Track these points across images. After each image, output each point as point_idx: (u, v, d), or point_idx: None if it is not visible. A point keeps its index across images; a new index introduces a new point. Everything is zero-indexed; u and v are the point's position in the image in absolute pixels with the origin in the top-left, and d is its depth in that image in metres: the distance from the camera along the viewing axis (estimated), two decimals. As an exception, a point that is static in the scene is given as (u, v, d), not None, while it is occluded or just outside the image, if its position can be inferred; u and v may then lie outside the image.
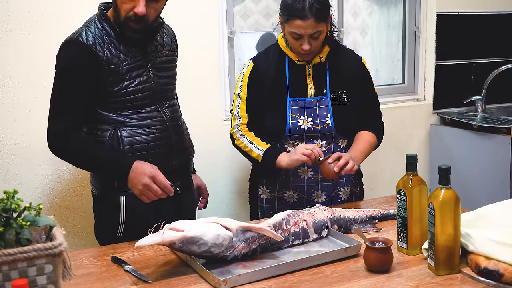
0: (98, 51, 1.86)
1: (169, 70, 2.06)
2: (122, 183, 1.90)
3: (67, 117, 1.87)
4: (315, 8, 2.03)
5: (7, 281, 1.18)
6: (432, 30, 3.46)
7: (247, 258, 1.64)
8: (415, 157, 1.69)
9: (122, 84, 1.90)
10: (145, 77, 1.94)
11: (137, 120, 1.93)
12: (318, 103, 2.18)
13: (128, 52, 1.91)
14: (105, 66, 1.87)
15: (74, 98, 1.88)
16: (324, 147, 2.19)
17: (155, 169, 1.87)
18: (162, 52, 2.02)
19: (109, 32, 1.90)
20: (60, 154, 1.94)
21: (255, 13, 3.13)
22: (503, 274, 1.44)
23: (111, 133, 1.91)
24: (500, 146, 3.10)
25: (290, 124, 2.16)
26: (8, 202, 1.23)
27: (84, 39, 1.86)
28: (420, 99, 3.55)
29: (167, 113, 2.01)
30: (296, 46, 2.11)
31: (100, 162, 1.91)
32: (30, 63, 2.48)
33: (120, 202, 1.95)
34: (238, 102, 2.23)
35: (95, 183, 2.02)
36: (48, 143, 1.91)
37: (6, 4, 2.41)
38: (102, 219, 2.05)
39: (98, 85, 1.88)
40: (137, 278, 1.55)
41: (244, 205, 2.97)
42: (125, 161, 1.88)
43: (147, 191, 1.86)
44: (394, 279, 1.52)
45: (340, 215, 1.88)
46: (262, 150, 2.14)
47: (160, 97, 2.00)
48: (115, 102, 1.91)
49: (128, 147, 1.91)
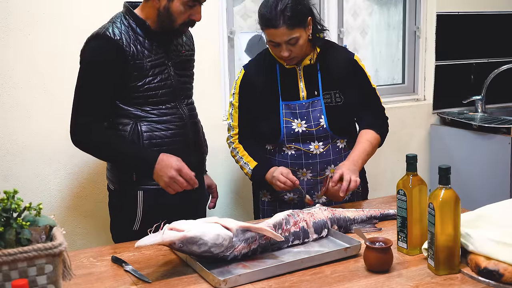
0: (125, 46, 1.89)
1: (188, 69, 2.12)
2: (140, 177, 1.97)
3: (91, 111, 1.92)
4: (287, 16, 2.01)
5: (7, 281, 1.18)
6: (432, 30, 3.46)
7: (247, 258, 1.64)
8: (415, 157, 1.69)
9: (145, 79, 1.94)
10: (166, 74, 1.99)
11: (157, 116, 1.97)
12: (311, 105, 2.17)
13: (152, 49, 1.95)
14: (130, 61, 1.90)
15: (99, 92, 1.92)
16: (321, 148, 2.19)
17: (180, 161, 1.91)
18: (182, 52, 2.08)
19: (135, 29, 1.94)
20: (83, 147, 1.97)
21: (255, 13, 3.12)
22: (503, 274, 1.44)
23: (132, 128, 1.95)
24: (500, 146, 3.10)
25: (285, 129, 2.16)
26: (8, 202, 1.23)
27: (111, 33, 1.89)
28: (420, 99, 3.55)
29: (185, 111, 2.06)
30: (277, 53, 2.11)
31: (124, 155, 1.95)
32: (30, 63, 2.48)
33: (137, 196, 1.99)
34: (232, 111, 2.25)
35: (112, 177, 2.06)
36: (71, 136, 1.95)
37: (6, 4, 2.41)
38: (119, 214, 2.09)
39: (122, 80, 1.92)
40: (137, 278, 1.55)
41: (244, 205, 2.98)
42: (150, 154, 1.92)
43: (173, 183, 1.90)
44: (394, 279, 1.52)
45: (340, 215, 1.88)
46: (250, 169, 2.18)
47: (180, 94, 2.04)
48: (137, 97, 1.95)
49: (147, 142, 1.96)
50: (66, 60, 2.51)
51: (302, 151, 2.18)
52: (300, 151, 2.18)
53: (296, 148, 2.18)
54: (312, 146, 2.18)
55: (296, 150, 2.18)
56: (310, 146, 2.18)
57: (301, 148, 2.18)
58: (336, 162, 2.21)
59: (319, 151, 2.18)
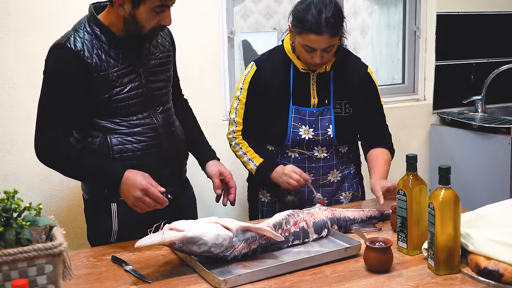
0: (87, 58, 1.77)
1: (164, 73, 1.97)
2: (112, 191, 1.85)
3: (54, 125, 1.81)
4: (331, 23, 1.96)
5: (7, 281, 1.18)
6: (432, 30, 3.46)
7: (247, 258, 1.63)
8: (415, 157, 1.69)
9: (112, 91, 1.82)
10: (137, 83, 1.86)
11: (127, 127, 1.86)
12: (320, 114, 2.15)
13: (118, 57, 1.83)
14: (94, 73, 1.78)
15: (62, 105, 1.81)
16: (325, 153, 2.18)
17: (147, 179, 1.78)
18: (155, 55, 1.93)
19: (99, 36, 1.81)
20: (48, 164, 1.87)
21: (255, 13, 3.13)
22: (503, 274, 1.44)
23: (101, 141, 1.84)
24: (500, 146, 3.10)
25: (291, 133, 2.14)
26: (8, 202, 1.23)
27: (72, 44, 1.78)
28: (420, 99, 3.55)
29: (159, 120, 1.93)
30: (307, 58, 2.05)
31: (89, 172, 1.84)
32: (30, 63, 2.48)
33: (111, 209, 1.89)
34: (237, 105, 2.20)
35: (85, 188, 1.97)
36: (36, 153, 1.84)
37: (6, 4, 2.41)
38: (93, 225, 1.99)
39: (87, 92, 1.80)
40: (137, 278, 1.55)
41: (244, 205, 2.97)
42: (115, 171, 1.79)
43: (140, 203, 1.78)
44: (394, 279, 1.52)
45: (340, 215, 1.88)
46: (255, 165, 2.15)
47: (153, 103, 1.92)
48: (105, 109, 1.83)
49: (118, 156, 1.85)
50: (66, 60, 2.51)
51: (306, 155, 2.17)
52: (304, 155, 2.18)
53: (300, 152, 2.18)
54: (316, 151, 2.17)
55: (300, 153, 2.18)
56: (314, 151, 2.17)
57: (305, 152, 2.17)
58: (338, 167, 2.22)
59: (323, 155, 2.18)
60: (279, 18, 3.20)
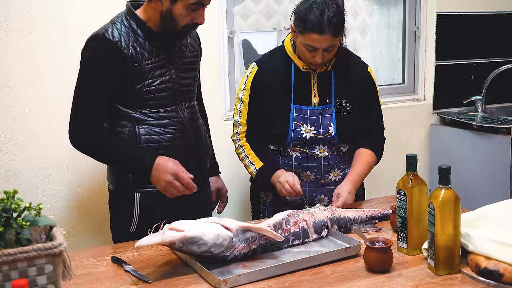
0: (123, 48, 1.87)
1: (191, 71, 2.08)
2: (136, 179, 1.96)
3: (89, 112, 1.90)
4: (334, 23, 1.97)
5: (7, 281, 1.18)
6: (432, 30, 3.46)
7: (247, 258, 1.64)
8: (415, 157, 1.69)
9: (144, 82, 1.91)
10: (168, 77, 1.96)
11: (156, 119, 1.95)
12: (322, 113, 2.15)
13: (152, 51, 1.93)
14: (129, 63, 1.88)
15: (97, 93, 1.90)
16: (326, 152, 2.18)
17: (177, 165, 1.89)
18: (186, 54, 2.04)
19: (136, 30, 1.92)
20: (82, 149, 1.96)
21: (255, 13, 3.13)
22: (503, 274, 1.44)
23: (130, 130, 1.93)
24: (500, 146, 3.10)
25: (293, 132, 2.14)
26: (8, 202, 1.23)
27: (110, 35, 1.87)
28: (420, 99, 3.55)
29: (186, 114, 2.02)
30: (308, 57, 2.07)
31: (122, 158, 1.93)
32: (30, 63, 2.48)
33: (134, 198, 1.97)
34: (240, 106, 2.21)
35: (111, 178, 2.06)
36: (69, 137, 1.93)
37: (6, 4, 2.41)
38: (117, 214, 2.08)
39: (121, 82, 1.90)
40: (137, 278, 1.55)
41: (244, 205, 2.98)
42: (148, 157, 1.90)
43: (170, 188, 1.88)
44: (394, 279, 1.52)
45: (340, 215, 1.88)
46: (256, 169, 2.16)
47: (181, 98, 2.01)
48: (135, 100, 1.93)
49: (145, 145, 1.94)
50: (66, 60, 2.51)
51: (307, 153, 2.18)
52: (306, 153, 2.18)
53: (301, 151, 2.18)
54: (318, 150, 2.17)
55: (301, 152, 2.18)
56: (316, 150, 2.18)
57: (306, 151, 2.18)
58: (339, 166, 2.22)
59: (324, 154, 2.18)
60: (279, 18, 3.20)
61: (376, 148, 2.24)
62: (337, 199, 2.07)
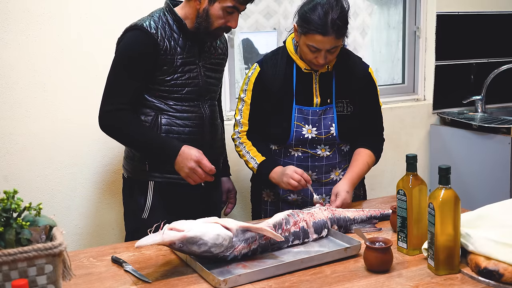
0: (159, 40, 1.97)
1: (217, 72, 2.18)
2: (153, 167, 2.05)
3: (120, 97, 1.99)
4: (337, 24, 1.97)
5: (7, 281, 1.18)
6: (432, 30, 3.46)
7: (247, 258, 1.64)
8: (415, 157, 1.69)
9: (173, 75, 2.01)
10: (195, 73, 2.05)
11: (178, 111, 2.04)
12: (323, 113, 2.16)
13: (185, 47, 2.02)
14: (162, 55, 1.97)
15: (129, 80, 1.99)
16: (328, 152, 2.19)
17: (200, 153, 1.97)
18: (214, 55, 2.14)
19: (172, 26, 2.01)
20: (109, 131, 2.03)
21: (255, 13, 3.13)
22: (503, 274, 1.44)
23: (153, 119, 2.02)
24: (500, 146, 3.10)
25: (295, 132, 2.15)
26: (8, 202, 1.23)
27: (147, 26, 1.97)
28: (420, 99, 3.55)
29: (207, 111, 2.11)
30: (311, 58, 2.07)
31: (148, 142, 2.00)
32: (30, 63, 2.47)
33: (148, 186, 2.06)
34: (242, 106, 2.22)
35: (127, 165, 2.14)
36: (99, 119, 2.01)
37: (6, 4, 2.41)
38: (130, 201, 2.15)
39: (152, 72, 1.99)
40: (137, 278, 1.55)
41: (244, 205, 2.97)
42: (174, 144, 1.98)
43: (193, 174, 1.97)
44: (394, 279, 1.52)
45: (340, 215, 1.88)
46: (257, 163, 2.16)
47: (204, 95, 2.10)
48: (162, 91, 2.02)
49: (165, 135, 2.02)
50: (66, 60, 2.51)
51: (309, 153, 2.18)
52: (307, 153, 2.18)
53: (303, 151, 2.18)
54: (319, 150, 2.18)
55: (303, 152, 2.18)
56: (317, 150, 2.18)
57: (308, 151, 2.18)
58: (341, 165, 2.23)
59: (326, 154, 2.18)
60: (279, 18, 3.20)
61: (375, 148, 2.25)
62: (335, 198, 2.07)
